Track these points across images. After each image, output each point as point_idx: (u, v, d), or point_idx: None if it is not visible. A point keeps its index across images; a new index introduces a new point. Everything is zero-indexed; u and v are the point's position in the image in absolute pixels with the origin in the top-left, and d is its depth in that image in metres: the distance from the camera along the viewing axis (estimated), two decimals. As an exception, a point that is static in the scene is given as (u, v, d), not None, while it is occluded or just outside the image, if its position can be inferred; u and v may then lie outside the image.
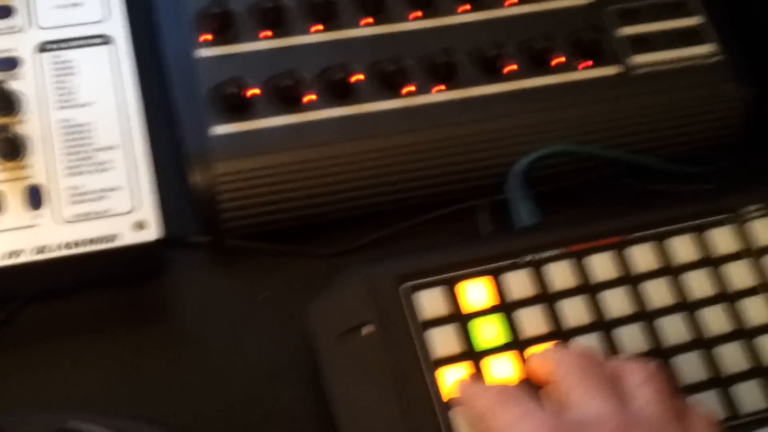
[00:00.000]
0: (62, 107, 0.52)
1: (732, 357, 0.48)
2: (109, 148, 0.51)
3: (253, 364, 0.50)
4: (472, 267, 0.49)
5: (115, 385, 0.49)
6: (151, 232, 0.49)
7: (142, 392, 0.49)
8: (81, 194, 0.50)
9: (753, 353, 0.48)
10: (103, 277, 0.51)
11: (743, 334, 0.48)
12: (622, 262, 0.49)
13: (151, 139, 0.51)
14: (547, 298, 0.48)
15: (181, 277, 0.53)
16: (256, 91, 0.54)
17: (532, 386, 0.44)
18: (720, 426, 0.42)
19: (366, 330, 0.47)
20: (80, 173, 0.50)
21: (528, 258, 0.49)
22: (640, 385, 0.41)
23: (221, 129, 0.53)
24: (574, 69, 0.57)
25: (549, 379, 0.43)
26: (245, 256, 0.53)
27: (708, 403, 0.46)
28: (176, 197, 0.52)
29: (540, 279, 0.49)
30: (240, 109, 0.53)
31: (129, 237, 0.49)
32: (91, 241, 0.49)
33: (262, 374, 0.50)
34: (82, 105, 0.52)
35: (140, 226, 0.49)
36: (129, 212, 0.50)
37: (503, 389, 0.42)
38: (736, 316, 0.49)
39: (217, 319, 0.52)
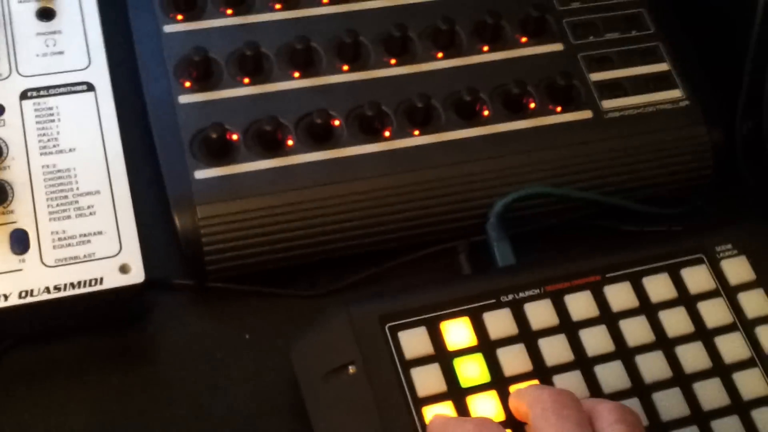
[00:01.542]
0: (45, 153, 0.52)
1: (710, 393, 0.48)
2: (92, 193, 0.51)
3: (238, 404, 0.51)
4: (453, 307, 0.49)
5: (100, 427, 0.49)
6: (135, 276, 0.50)
7: (127, 434, 0.49)
8: (65, 239, 0.50)
9: (731, 389, 0.49)
10: (87, 320, 0.51)
11: (720, 370, 0.49)
12: (600, 301, 0.50)
13: (135, 183, 0.51)
14: (527, 336, 0.49)
15: (165, 320, 0.53)
16: (237, 136, 0.54)
17: (513, 425, 0.45)
18: None
19: (351, 369, 0.47)
20: (64, 218, 0.50)
21: (507, 298, 0.50)
22: (612, 425, 0.42)
23: (203, 173, 0.53)
24: (548, 113, 0.58)
25: (527, 418, 0.44)
26: (229, 297, 0.54)
27: (687, 438, 0.47)
28: (160, 241, 0.52)
29: (520, 318, 0.49)
30: (222, 153, 0.54)
31: (113, 280, 0.49)
32: (76, 285, 0.49)
33: (246, 414, 0.50)
34: (65, 151, 0.52)
35: (124, 269, 0.50)
36: (113, 256, 0.50)
37: (479, 422, 0.43)
38: (712, 352, 0.50)
39: (202, 360, 0.52)
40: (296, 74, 0.57)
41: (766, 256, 0.53)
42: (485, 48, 0.60)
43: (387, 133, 0.56)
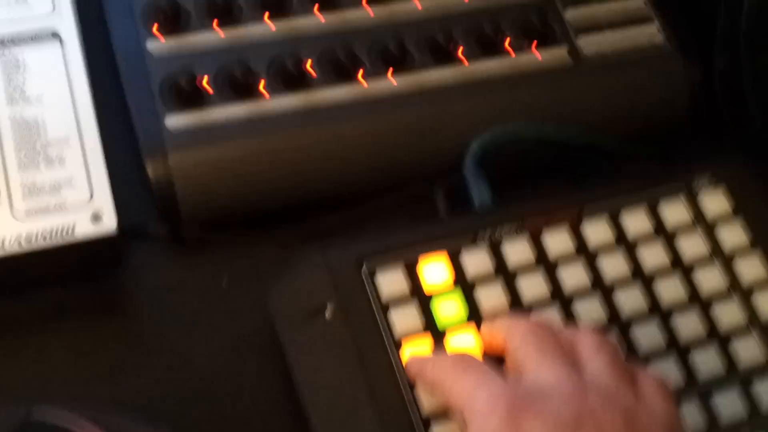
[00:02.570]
0: (11, 103, 0.51)
1: (688, 325, 0.48)
2: (61, 141, 0.51)
3: (217, 350, 0.50)
4: (430, 246, 0.49)
5: (78, 376, 0.49)
6: (108, 224, 0.49)
7: (105, 382, 0.49)
8: (35, 189, 0.49)
9: (708, 320, 0.49)
10: (61, 271, 0.50)
11: (698, 302, 0.49)
12: (577, 237, 0.50)
13: (107, 133, 0.51)
14: (505, 274, 0.49)
15: (140, 269, 0.52)
16: (208, 81, 0.54)
17: (488, 358, 0.44)
18: (670, 386, 0.42)
19: (328, 312, 0.47)
20: (33, 167, 0.50)
21: (484, 235, 0.50)
22: (593, 352, 0.42)
23: (175, 120, 0.53)
24: (524, 52, 0.57)
25: (504, 348, 0.43)
26: (204, 245, 0.53)
27: (666, 371, 0.47)
28: (133, 188, 0.52)
29: (497, 256, 0.49)
30: (192, 100, 0.53)
31: (85, 229, 0.49)
32: (48, 236, 0.48)
33: (226, 359, 0.50)
34: (32, 100, 0.51)
35: (96, 217, 0.49)
36: (84, 205, 0.49)
37: (459, 358, 0.43)
38: (690, 285, 0.49)
39: (178, 308, 0.51)
40: (267, 18, 0.56)
41: (745, 187, 0.52)
42: (460, -13, 0.59)
43: (360, 77, 0.55)
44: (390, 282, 0.48)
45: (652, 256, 0.50)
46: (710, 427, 0.46)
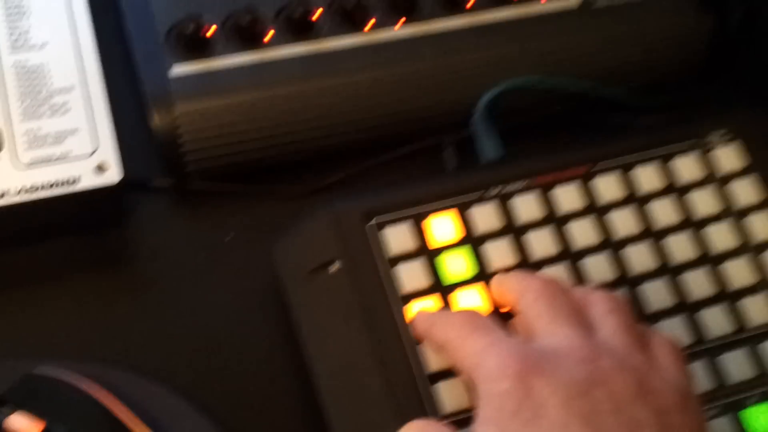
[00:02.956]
0: (15, 50, 0.50)
1: (697, 283, 0.48)
2: (65, 90, 0.50)
3: (221, 305, 0.50)
4: (438, 202, 0.48)
5: (81, 330, 0.49)
6: (112, 175, 0.48)
7: (108, 337, 0.49)
8: (39, 138, 0.49)
9: (718, 279, 0.48)
10: (65, 222, 0.50)
11: (708, 260, 0.49)
12: (588, 193, 0.49)
13: (110, 82, 0.50)
14: (513, 230, 0.48)
15: (145, 221, 0.52)
16: (215, 28, 0.53)
17: (496, 315, 0.44)
18: (682, 350, 0.42)
19: (334, 267, 0.46)
20: (37, 116, 0.49)
21: (494, 191, 0.49)
22: (605, 315, 0.41)
23: (180, 69, 0.52)
24: (536, 1, 0.56)
25: (515, 306, 0.43)
26: (209, 198, 0.53)
27: (674, 329, 0.47)
28: (138, 141, 0.51)
29: (506, 212, 0.49)
30: (199, 48, 0.52)
31: (89, 180, 0.48)
32: (52, 185, 0.48)
33: (230, 315, 0.50)
34: (36, 47, 0.51)
35: (101, 168, 0.49)
36: (89, 155, 0.49)
37: (468, 317, 0.42)
38: (701, 242, 0.49)
39: (183, 261, 0.51)
40: (274, -36, 0.55)
41: (761, 141, 0.51)
42: (471, -66, 0.57)
43: (369, 25, 0.54)
44: (397, 237, 0.47)
45: (664, 212, 0.49)
46: (718, 386, 0.46)
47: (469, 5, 0.55)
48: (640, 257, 0.48)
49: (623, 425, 0.36)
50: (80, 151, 0.49)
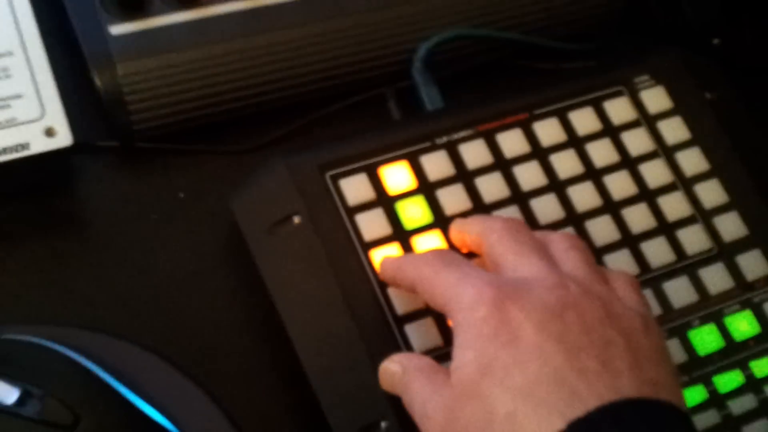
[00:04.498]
0: (-55, 15, 0.49)
1: (638, 217, 0.51)
2: (5, 54, 0.49)
3: (180, 262, 0.50)
4: (390, 152, 0.50)
5: (37, 294, 0.48)
6: (62, 138, 0.48)
7: (66, 300, 0.48)
8: (-18, 104, 0.47)
9: (657, 213, 0.51)
10: (13, 186, 0.49)
11: (646, 196, 0.51)
12: (530, 138, 0.52)
13: (51, 46, 0.49)
14: (464, 176, 0.50)
15: (94, 184, 0.51)
16: (152, -13, 0.52)
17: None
18: (638, 282, 0.45)
19: (296, 220, 0.47)
20: (-21, 82, 0.48)
21: (441, 140, 0.51)
22: (566, 251, 0.43)
23: (119, 28, 0.51)
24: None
25: (479, 246, 0.45)
26: (158, 158, 0.52)
27: (620, 261, 0.49)
28: (81, 102, 0.50)
29: (456, 159, 0.50)
30: (135, 6, 0.52)
31: (40, 144, 0.47)
32: (2, 151, 0.47)
33: (190, 270, 0.50)
34: (-32, 11, 0.49)
35: (50, 132, 0.48)
36: (36, 120, 0.48)
37: (437, 254, 0.43)
38: (638, 180, 0.52)
39: (136, 221, 0.51)
40: None
41: (682, 85, 0.55)
42: None
43: (305, -20, 0.55)
44: (354, 188, 0.48)
45: (601, 152, 0.52)
46: (664, 311, 0.49)
47: (401, -41, 0.56)
48: (583, 196, 0.51)
49: (595, 343, 0.39)
50: (27, 115, 0.48)
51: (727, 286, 0.50)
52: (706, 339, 0.48)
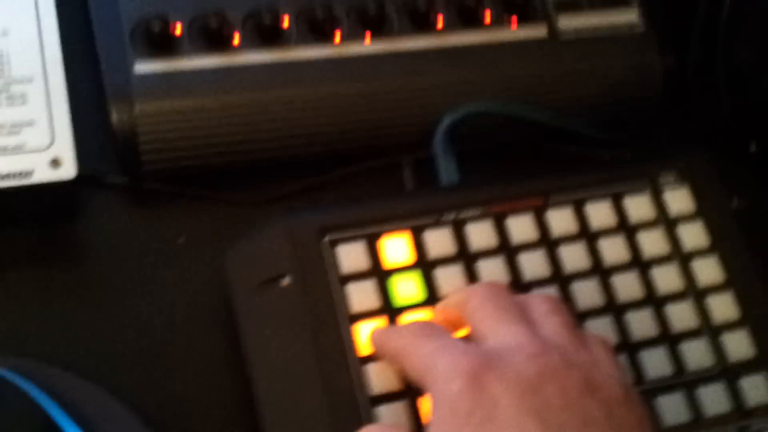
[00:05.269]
0: (-25, 34, 0.49)
1: (641, 324, 0.49)
2: (25, 80, 0.49)
3: (168, 309, 0.50)
4: (394, 222, 0.49)
5: (22, 324, 0.48)
6: (67, 170, 0.48)
7: (50, 334, 0.48)
8: (-6, 127, 0.48)
9: (661, 321, 0.49)
10: (15, 214, 0.49)
11: (653, 301, 0.49)
12: (541, 225, 0.50)
13: (73, 75, 0.49)
14: (465, 257, 0.49)
15: (97, 219, 0.51)
16: (182, 28, 0.52)
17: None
18: (612, 346, 0.44)
19: (285, 281, 0.46)
20: (-6, 105, 0.48)
21: (449, 216, 0.49)
22: (546, 314, 0.42)
23: (144, 67, 0.51)
24: (503, 27, 0.57)
25: (461, 316, 0.43)
26: (164, 200, 0.52)
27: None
28: (97, 137, 0.51)
29: (460, 238, 0.49)
30: (164, 47, 0.52)
31: (43, 174, 0.48)
32: (4, 177, 0.47)
33: (176, 320, 0.49)
34: (-2, 33, 0.50)
35: (55, 163, 0.48)
36: (44, 149, 0.48)
37: (418, 325, 0.43)
38: (648, 283, 0.50)
39: (133, 262, 0.51)
40: (246, -32, 0.55)
41: (708, 188, 0.53)
42: (444, -44, 0.57)
43: (337, 38, 0.54)
44: (351, 256, 0.47)
45: (613, 250, 0.50)
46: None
47: (439, 26, 0.56)
48: (586, 293, 0.49)
49: (575, 420, 0.37)
50: (36, 143, 0.48)
51: (724, 410, 0.47)
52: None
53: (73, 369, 0.47)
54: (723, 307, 0.50)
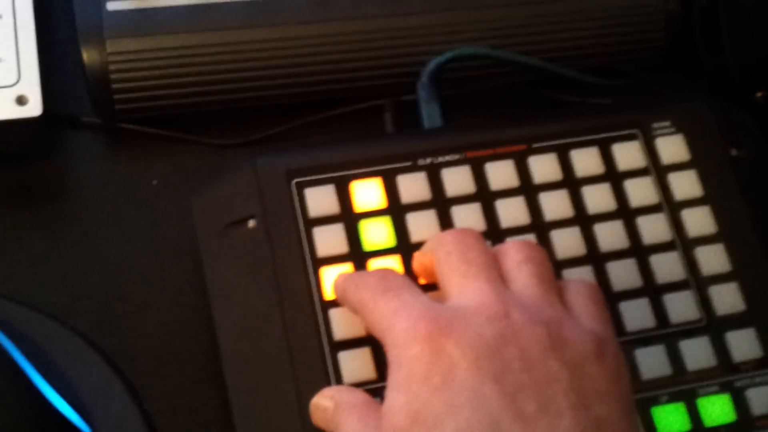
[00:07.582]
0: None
1: (624, 274, 0.46)
2: (-7, 16, 0.48)
3: (138, 250, 0.49)
4: (366, 166, 0.47)
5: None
6: (32, 108, 0.47)
7: (17, 273, 0.47)
8: (-41, 64, 0.47)
9: (645, 272, 0.47)
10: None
11: (638, 251, 0.47)
12: (522, 172, 0.48)
13: (46, 13, 0.48)
14: (440, 203, 0.47)
15: (70, 159, 0.51)
16: (157, -35, 0.51)
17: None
18: (599, 290, 0.41)
19: (251, 223, 0.45)
20: (-41, 41, 0.47)
21: (425, 161, 0.47)
22: (519, 264, 0.40)
23: (116, 4, 0.50)
24: (495, -30, 0.54)
25: (432, 265, 0.42)
26: (137, 140, 0.51)
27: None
28: (73, 77, 0.50)
29: (435, 183, 0.47)
30: (140, -17, 0.51)
31: (8, 111, 0.47)
32: (-32, 114, 0.46)
33: (144, 262, 0.49)
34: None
35: (21, 101, 0.47)
36: (10, 86, 0.47)
37: (381, 277, 0.41)
38: (634, 233, 0.47)
39: (104, 202, 0.50)
40: None
41: (704, 136, 0.50)
42: None
43: (320, -23, 0.52)
44: (319, 199, 0.46)
45: (597, 198, 0.48)
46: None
47: (424, -34, 0.53)
48: (567, 242, 0.47)
49: (535, 382, 0.36)
50: (2, 80, 0.47)
51: (708, 364, 0.45)
52: (670, 419, 0.44)
53: (39, 308, 0.46)
54: (713, 259, 0.47)
